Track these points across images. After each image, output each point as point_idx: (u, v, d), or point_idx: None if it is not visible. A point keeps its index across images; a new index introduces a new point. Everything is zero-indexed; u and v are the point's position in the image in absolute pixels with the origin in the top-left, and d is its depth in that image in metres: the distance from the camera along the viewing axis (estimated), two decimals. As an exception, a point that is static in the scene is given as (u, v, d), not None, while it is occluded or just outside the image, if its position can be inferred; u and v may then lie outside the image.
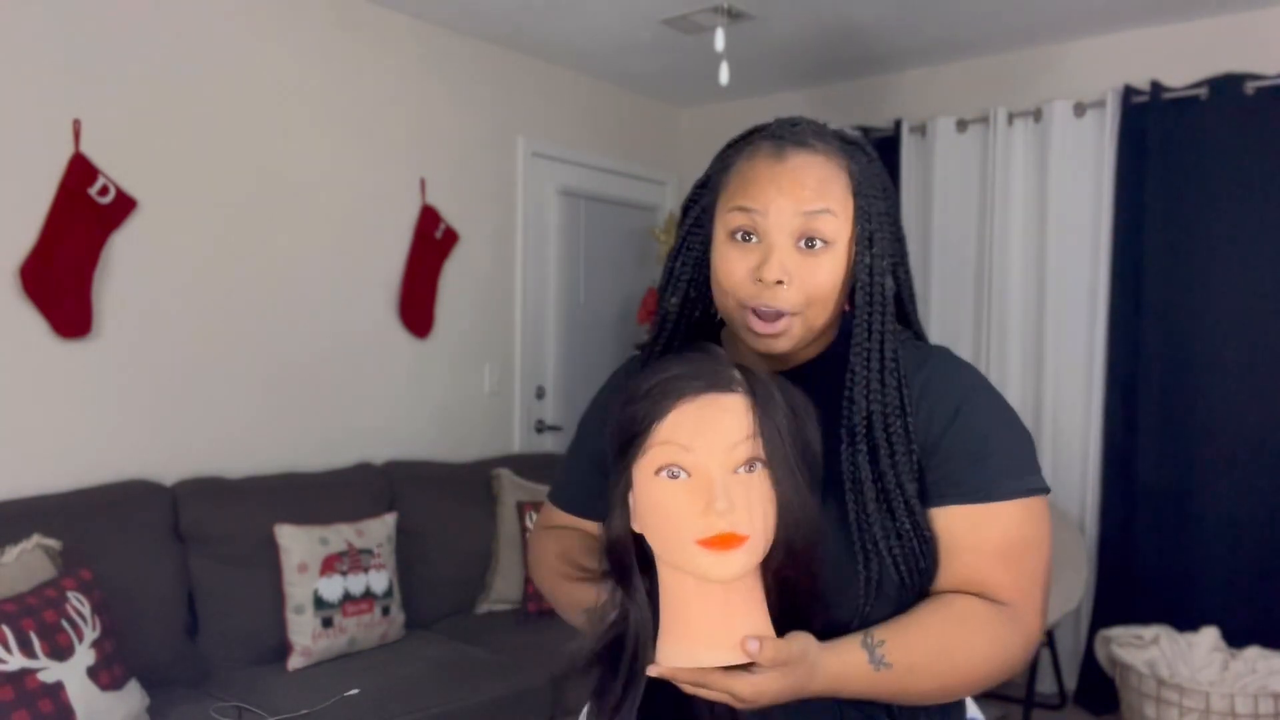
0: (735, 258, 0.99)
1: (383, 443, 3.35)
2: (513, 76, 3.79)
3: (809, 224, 0.97)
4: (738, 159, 1.03)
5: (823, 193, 0.98)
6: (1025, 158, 3.65)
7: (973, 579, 0.98)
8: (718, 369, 0.90)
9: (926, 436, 1.00)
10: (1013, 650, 0.96)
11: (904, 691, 0.93)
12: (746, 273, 0.98)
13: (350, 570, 2.70)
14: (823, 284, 0.98)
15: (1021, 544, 0.98)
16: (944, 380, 1.02)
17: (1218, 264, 3.26)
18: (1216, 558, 3.27)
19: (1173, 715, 2.88)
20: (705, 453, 0.85)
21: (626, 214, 4.41)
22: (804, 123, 1.04)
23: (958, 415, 1.00)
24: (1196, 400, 3.30)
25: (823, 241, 0.98)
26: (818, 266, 0.98)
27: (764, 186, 0.98)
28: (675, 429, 0.86)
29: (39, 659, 1.97)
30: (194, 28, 2.80)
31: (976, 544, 0.97)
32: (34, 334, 2.49)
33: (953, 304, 3.83)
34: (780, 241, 0.97)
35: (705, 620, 0.86)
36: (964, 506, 0.98)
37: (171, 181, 2.76)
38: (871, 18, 3.36)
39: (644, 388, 0.89)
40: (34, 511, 2.35)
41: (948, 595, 0.98)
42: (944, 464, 0.99)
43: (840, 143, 1.03)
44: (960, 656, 0.94)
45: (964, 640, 0.94)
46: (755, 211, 0.98)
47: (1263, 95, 3.18)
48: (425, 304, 3.45)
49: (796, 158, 0.99)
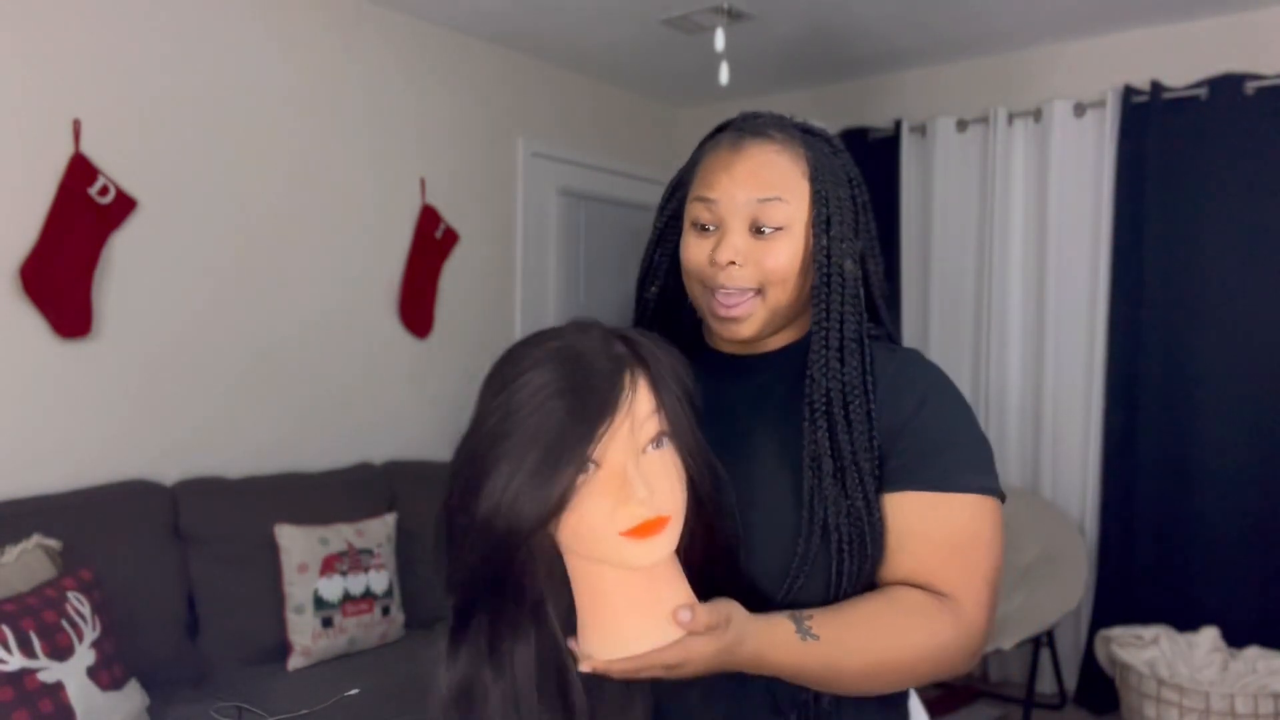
0: (695, 245, 1.05)
1: (383, 443, 3.35)
2: (513, 76, 3.79)
3: (760, 211, 1.01)
4: (702, 154, 1.08)
5: (774, 181, 1.02)
6: (1025, 158, 3.65)
7: (919, 570, 0.98)
8: (602, 350, 0.84)
9: (890, 423, 1.01)
10: (948, 642, 0.95)
11: (832, 670, 0.92)
12: (705, 257, 1.03)
13: (350, 570, 2.70)
14: (778, 266, 1.02)
15: (971, 539, 0.99)
16: (911, 373, 1.05)
17: (1218, 264, 3.26)
18: (1216, 558, 3.27)
19: (1173, 715, 2.89)
20: (610, 442, 0.81)
21: (626, 214, 4.42)
22: (765, 115, 1.09)
23: (923, 406, 1.02)
24: (1196, 400, 3.30)
25: (774, 228, 1.02)
26: (772, 249, 1.02)
27: (719, 176, 1.03)
28: None
29: (39, 659, 1.97)
30: (194, 28, 2.80)
31: (926, 531, 0.98)
32: (34, 334, 2.49)
33: (953, 304, 3.83)
34: (734, 226, 1.02)
35: (632, 607, 0.84)
36: (918, 493, 0.99)
37: (171, 181, 2.75)
38: (871, 18, 3.36)
39: (532, 390, 0.83)
40: (34, 511, 2.35)
41: (887, 585, 0.99)
42: (904, 452, 1.00)
43: (801, 133, 1.06)
44: (891, 639, 0.94)
45: (896, 624, 0.95)
46: (712, 201, 1.03)
47: (1263, 95, 3.18)
48: (425, 304, 3.45)
49: (751, 147, 1.03)
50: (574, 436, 0.80)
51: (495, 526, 0.82)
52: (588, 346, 0.84)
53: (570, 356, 0.83)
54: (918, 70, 3.97)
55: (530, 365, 0.83)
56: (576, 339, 0.85)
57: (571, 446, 0.80)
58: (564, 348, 0.84)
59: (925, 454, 1.00)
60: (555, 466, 0.80)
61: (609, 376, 0.83)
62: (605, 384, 0.82)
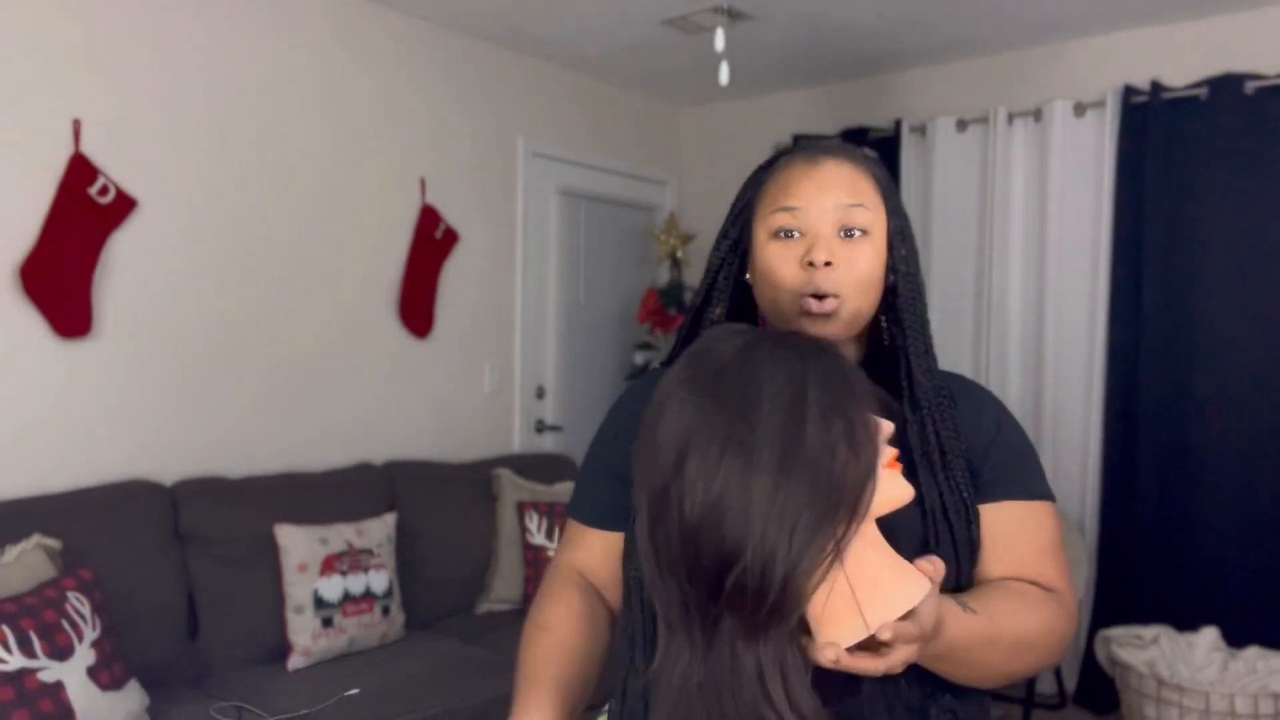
0: (782, 253, 1.06)
1: (383, 443, 3.35)
2: (513, 76, 3.79)
3: (847, 215, 1.05)
4: (770, 174, 1.12)
5: (855, 190, 1.06)
6: (1025, 158, 3.65)
7: (1023, 569, 1.04)
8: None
9: (976, 440, 1.08)
10: (1064, 631, 1.02)
11: (988, 644, 0.93)
12: (795, 263, 1.05)
13: (350, 570, 2.70)
14: (865, 270, 1.05)
15: (1056, 541, 1.08)
16: (979, 395, 1.13)
17: (1218, 264, 3.26)
18: (1217, 557, 3.27)
19: (1173, 715, 2.88)
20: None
21: (626, 214, 4.41)
22: (830, 138, 1.15)
23: (1001, 425, 1.10)
24: (1196, 400, 3.30)
25: (861, 231, 1.05)
26: (859, 253, 1.05)
27: (803, 185, 1.06)
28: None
29: (39, 659, 1.97)
30: (194, 28, 2.80)
31: (1030, 536, 1.06)
32: (34, 334, 2.49)
33: (953, 304, 3.82)
34: (824, 231, 1.05)
35: (881, 575, 0.82)
36: (1016, 502, 1.06)
37: (171, 181, 2.76)
38: (871, 18, 3.36)
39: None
40: (34, 511, 2.35)
41: (1000, 580, 1.04)
42: (994, 468, 1.07)
43: (862, 156, 1.12)
44: (1027, 616, 0.99)
45: (1026, 603, 1.00)
46: (797, 209, 1.06)
47: (1263, 95, 3.18)
48: (425, 304, 3.45)
49: (828, 161, 1.07)
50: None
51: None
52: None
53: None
54: (918, 70, 3.97)
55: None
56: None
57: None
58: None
59: (1013, 467, 1.08)
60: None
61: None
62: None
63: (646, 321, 4.20)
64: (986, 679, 0.99)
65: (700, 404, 0.82)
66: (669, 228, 4.29)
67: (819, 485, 0.78)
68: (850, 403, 0.82)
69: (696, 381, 0.84)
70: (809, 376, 0.83)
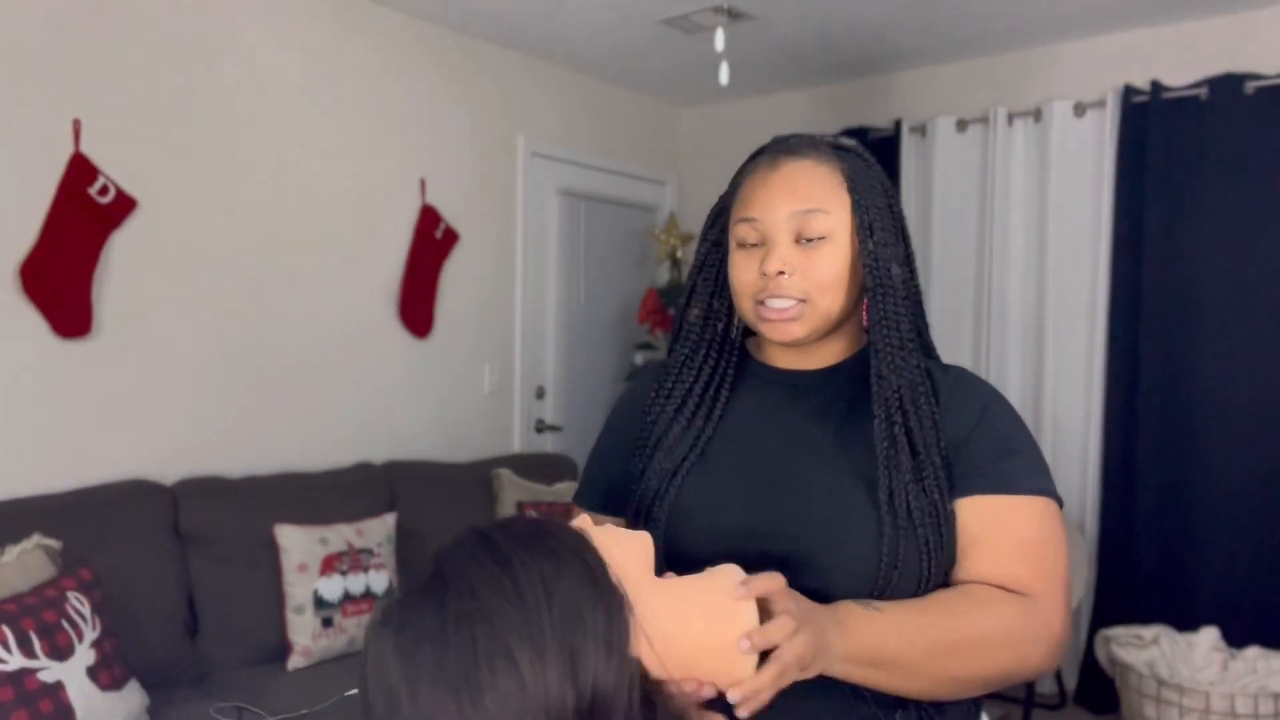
0: (744, 263, 1.09)
1: (383, 443, 3.35)
2: (513, 76, 3.79)
3: (803, 223, 1.05)
4: (741, 178, 1.13)
5: (812, 193, 1.06)
6: (1025, 158, 3.65)
7: (993, 571, 1.00)
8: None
9: (955, 433, 1.05)
10: (1016, 628, 0.96)
11: (904, 646, 0.91)
12: (754, 272, 1.07)
13: (350, 570, 2.70)
14: (825, 273, 1.05)
15: (1040, 541, 1.01)
16: (968, 387, 1.10)
17: (1218, 264, 3.26)
18: (1216, 558, 3.27)
19: (1173, 715, 2.88)
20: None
21: (626, 214, 4.41)
22: (797, 136, 1.13)
23: (984, 416, 1.06)
24: (1196, 400, 3.30)
25: (817, 237, 1.05)
26: (818, 258, 1.05)
27: (760, 195, 1.07)
28: None
29: (39, 659, 1.97)
30: (194, 27, 2.80)
31: (999, 534, 1.01)
32: (34, 334, 2.49)
33: (953, 304, 3.83)
34: (779, 239, 1.06)
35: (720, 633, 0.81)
36: (988, 497, 1.02)
37: (171, 181, 2.75)
38: (871, 18, 3.36)
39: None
40: (34, 511, 2.35)
41: (962, 584, 1.01)
42: (970, 459, 1.04)
43: (832, 149, 1.10)
44: (980, 624, 0.94)
45: (963, 606, 0.96)
46: (755, 220, 1.07)
47: (1263, 95, 3.18)
48: (425, 304, 3.45)
49: (788, 165, 1.08)
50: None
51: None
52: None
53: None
54: (918, 70, 3.97)
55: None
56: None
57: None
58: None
59: (990, 460, 1.03)
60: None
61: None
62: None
63: (646, 321, 4.20)
64: (953, 685, 0.95)
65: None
66: (669, 228, 4.29)
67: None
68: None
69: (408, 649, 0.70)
70: (511, 635, 0.67)
